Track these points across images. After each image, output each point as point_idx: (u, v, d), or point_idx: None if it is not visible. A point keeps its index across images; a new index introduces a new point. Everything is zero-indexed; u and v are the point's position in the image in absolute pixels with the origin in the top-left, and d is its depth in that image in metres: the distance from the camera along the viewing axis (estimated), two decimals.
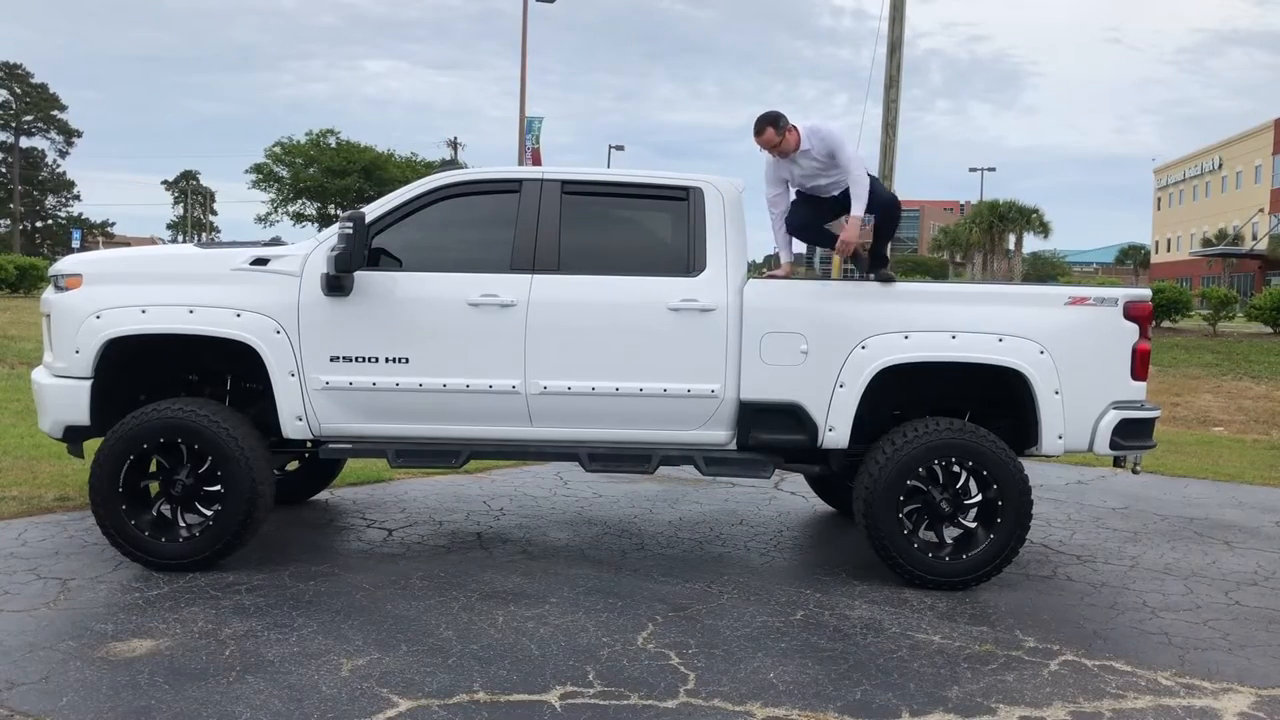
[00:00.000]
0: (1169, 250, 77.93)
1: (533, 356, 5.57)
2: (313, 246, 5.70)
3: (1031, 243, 55.25)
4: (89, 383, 5.55)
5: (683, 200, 5.80)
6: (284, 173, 58.44)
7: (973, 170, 69.45)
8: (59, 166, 75.85)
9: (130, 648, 4.39)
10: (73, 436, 5.74)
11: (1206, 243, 64.84)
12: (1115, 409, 5.66)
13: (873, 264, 6.18)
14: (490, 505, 7.50)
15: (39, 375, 5.78)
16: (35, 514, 6.67)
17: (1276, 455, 11.39)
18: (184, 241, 62.49)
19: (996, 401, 6.02)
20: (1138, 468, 6.00)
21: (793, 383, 5.58)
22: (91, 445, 5.74)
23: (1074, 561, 6.40)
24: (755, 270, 6.92)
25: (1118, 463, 6.06)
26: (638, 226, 6.21)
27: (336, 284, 5.47)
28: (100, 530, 5.52)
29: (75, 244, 58.17)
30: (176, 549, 5.48)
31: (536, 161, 31.92)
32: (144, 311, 5.55)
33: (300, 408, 5.59)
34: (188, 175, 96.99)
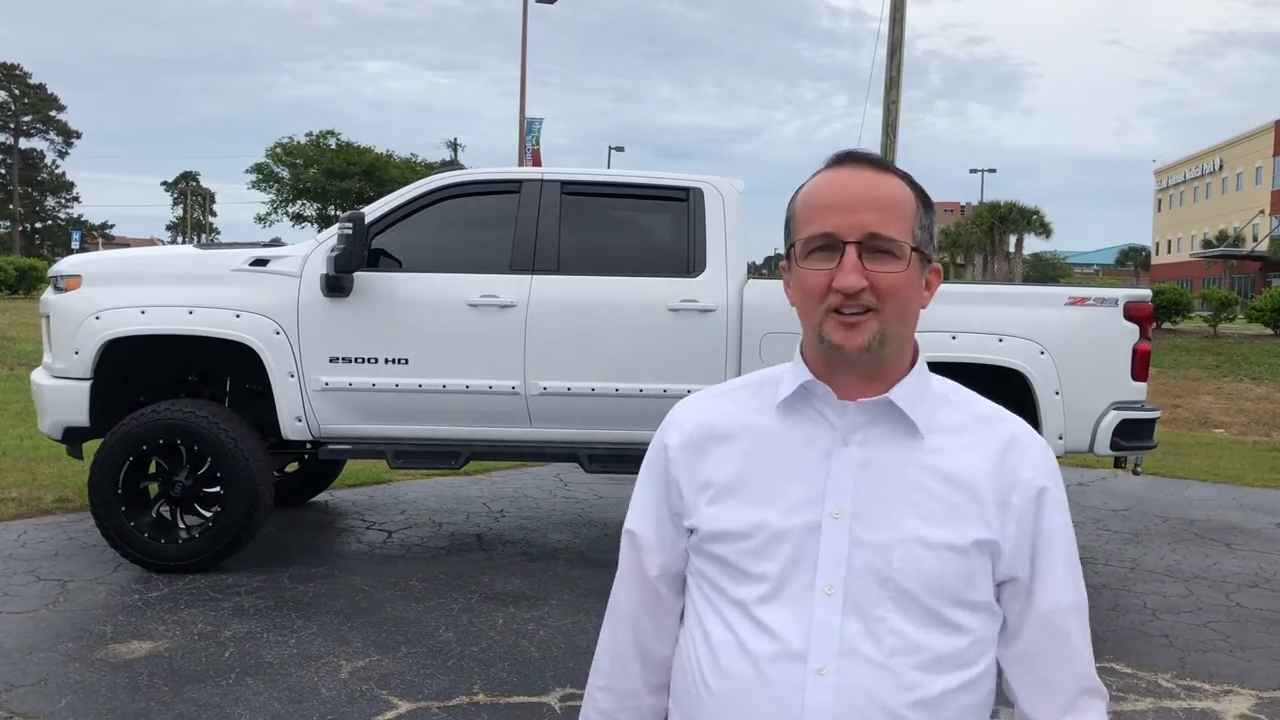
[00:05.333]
0: (1169, 252, 77.93)
1: (532, 357, 5.56)
2: (312, 247, 5.69)
3: (1032, 244, 55.26)
4: (88, 384, 5.54)
5: (682, 201, 5.80)
6: (284, 173, 58.48)
7: (973, 171, 69.41)
8: (58, 167, 75.88)
9: (129, 649, 4.38)
10: (72, 438, 5.73)
11: (1207, 244, 64.81)
12: (1116, 409, 5.65)
13: None
14: (490, 507, 7.49)
15: (38, 376, 5.77)
16: (34, 515, 6.66)
17: (1277, 457, 11.38)
18: (183, 242, 62.60)
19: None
20: (1138, 469, 6.00)
21: None
22: (91, 446, 5.73)
23: None
24: (755, 271, 6.91)
25: (1118, 464, 6.06)
26: (637, 227, 6.20)
27: (336, 285, 5.47)
28: (100, 532, 5.51)
29: (75, 245, 58.17)
30: (176, 551, 5.47)
31: (537, 162, 31.90)
32: (143, 312, 5.54)
33: (300, 408, 5.58)
34: (187, 176, 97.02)
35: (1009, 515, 1.31)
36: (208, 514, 5.53)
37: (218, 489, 5.49)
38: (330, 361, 5.56)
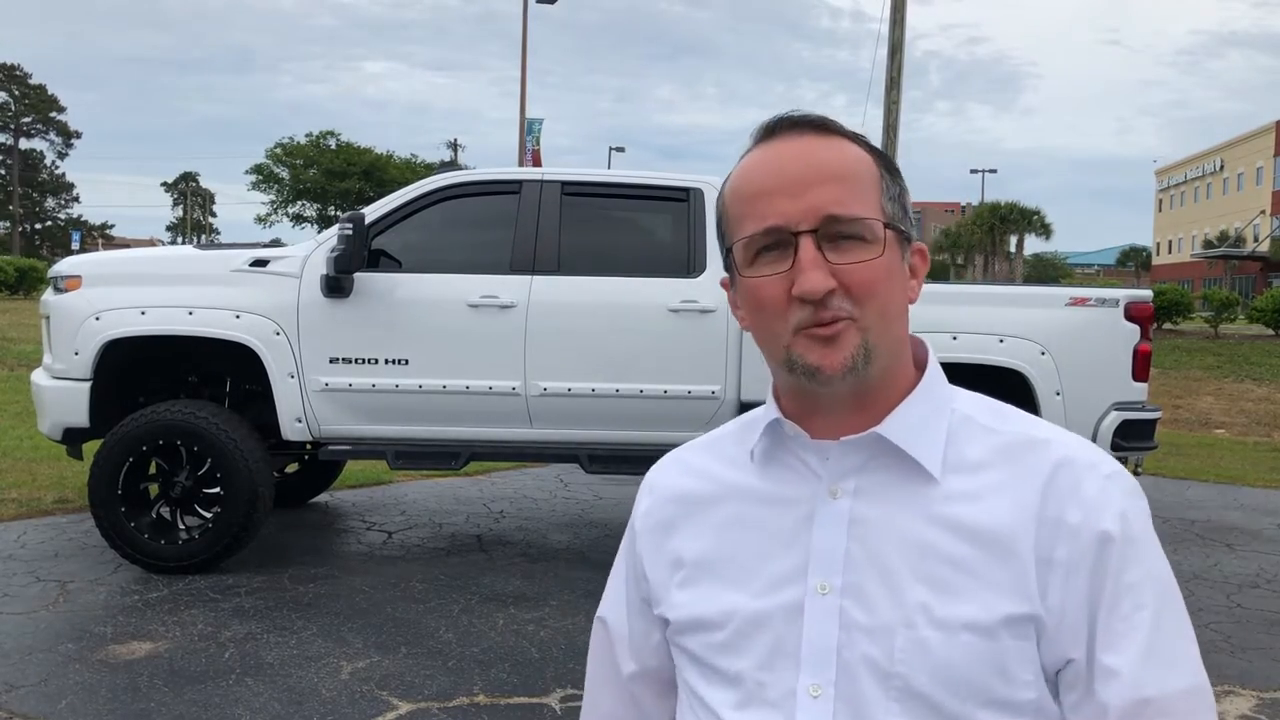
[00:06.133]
0: (1170, 252, 77.95)
1: (532, 358, 5.55)
2: (312, 248, 5.69)
3: (1033, 244, 55.27)
4: (88, 384, 5.54)
5: (683, 201, 5.80)
6: (284, 174, 58.53)
7: (974, 172, 69.34)
8: (58, 168, 76.00)
9: (130, 650, 4.38)
10: (72, 438, 5.73)
11: (1208, 244, 64.79)
12: (1116, 410, 5.65)
13: None
14: (490, 508, 7.48)
15: (38, 377, 5.77)
16: (34, 516, 6.66)
17: (1278, 457, 11.37)
18: (183, 243, 62.65)
19: None
20: (1139, 469, 5.99)
21: None
22: (91, 447, 5.73)
23: None
24: None
25: None
26: (638, 228, 6.21)
27: (336, 285, 5.46)
28: (99, 532, 5.50)
29: (75, 245, 58.22)
30: (176, 551, 5.46)
31: (537, 163, 31.87)
32: (143, 313, 5.54)
33: (300, 409, 5.58)
34: (187, 177, 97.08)
35: (1053, 576, 0.95)
36: (207, 515, 5.52)
37: (217, 490, 5.48)
38: (330, 362, 5.56)
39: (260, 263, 5.63)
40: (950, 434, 1.02)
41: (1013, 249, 52.23)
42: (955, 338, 5.60)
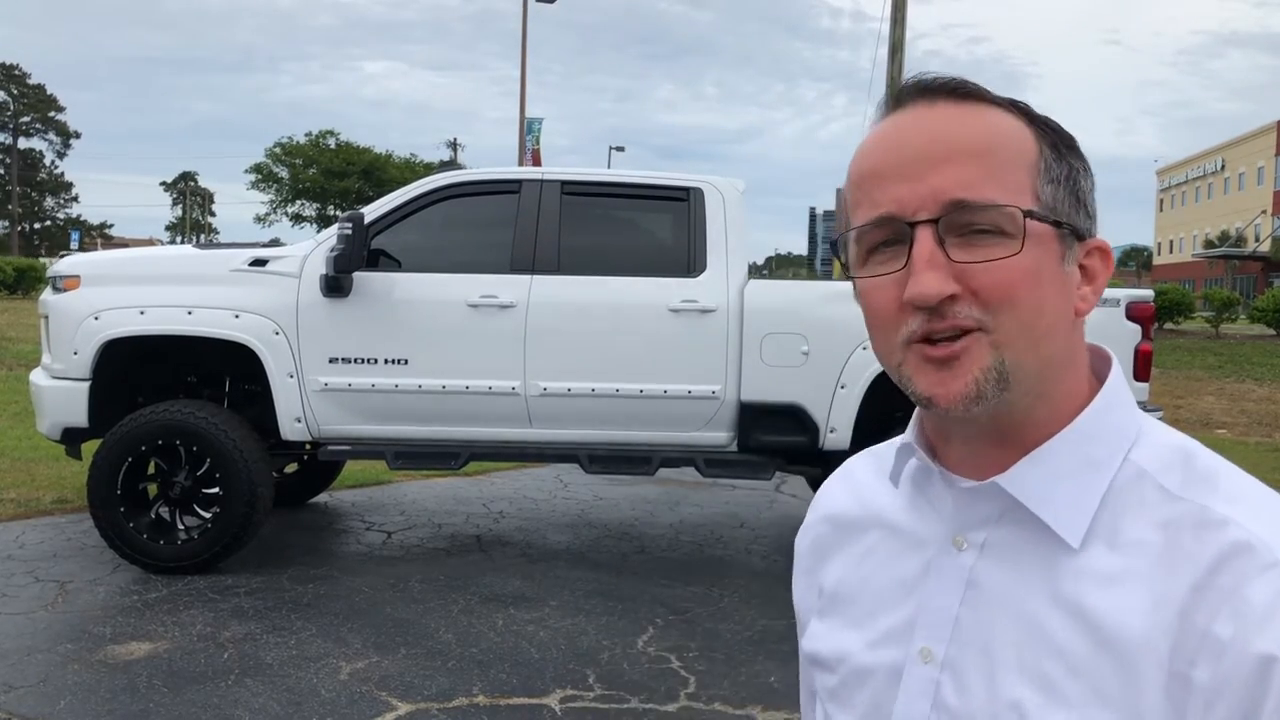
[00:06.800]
0: (1171, 252, 77.98)
1: (532, 358, 5.55)
2: (312, 248, 5.68)
3: None
4: (87, 384, 5.53)
5: (683, 201, 5.79)
6: (283, 174, 58.55)
7: None
8: (57, 168, 76.11)
9: (128, 651, 4.37)
10: (71, 438, 5.72)
11: (1209, 244, 64.81)
12: None
13: None
14: (490, 508, 7.47)
15: (37, 377, 5.76)
16: (33, 516, 6.65)
17: (1279, 458, 11.36)
18: (182, 243, 62.55)
19: None
20: None
21: (794, 384, 5.57)
22: (90, 447, 5.72)
23: None
24: (755, 271, 6.92)
25: None
26: (638, 227, 6.20)
27: (335, 285, 5.45)
28: (98, 533, 5.49)
29: (74, 245, 58.24)
30: (175, 551, 5.45)
31: (537, 162, 31.87)
32: (142, 313, 5.53)
33: (299, 409, 5.57)
34: (186, 176, 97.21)
35: (1191, 703, 0.71)
36: (206, 515, 5.52)
37: (216, 490, 5.47)
38: (329, 362, 5.55)
39: (259, 262, 5.62)
40: (1111, 493, 0.80)
41: None
42: None
